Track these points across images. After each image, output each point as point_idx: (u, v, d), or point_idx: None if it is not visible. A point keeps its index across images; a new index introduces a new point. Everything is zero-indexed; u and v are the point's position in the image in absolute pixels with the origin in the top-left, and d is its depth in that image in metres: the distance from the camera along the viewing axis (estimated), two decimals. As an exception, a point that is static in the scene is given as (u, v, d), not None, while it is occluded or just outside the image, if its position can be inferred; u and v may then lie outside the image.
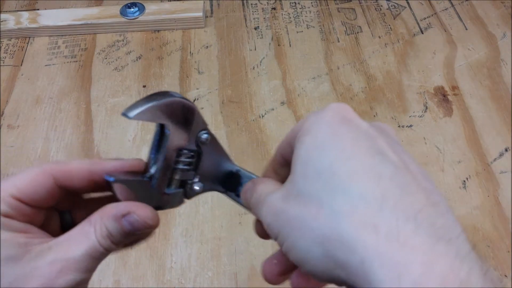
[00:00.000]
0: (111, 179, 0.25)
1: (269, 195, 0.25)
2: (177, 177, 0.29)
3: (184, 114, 0.27)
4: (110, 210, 0.26)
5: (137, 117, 0.24)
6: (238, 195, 0.32)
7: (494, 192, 0.54)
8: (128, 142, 0.60)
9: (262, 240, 0.51)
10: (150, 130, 0.61)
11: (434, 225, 0.19)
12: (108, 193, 0.28)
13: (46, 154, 0.59)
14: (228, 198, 0.33)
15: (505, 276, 0.48)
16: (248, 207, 0.30)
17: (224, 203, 0.54)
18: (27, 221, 0.26)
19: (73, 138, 0.61)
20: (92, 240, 0.25)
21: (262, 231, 0.29)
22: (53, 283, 0.23)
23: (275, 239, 0.24)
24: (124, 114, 0.24)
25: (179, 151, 0.28)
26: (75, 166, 0.27)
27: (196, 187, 0.30)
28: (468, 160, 0.57)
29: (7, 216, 0.24)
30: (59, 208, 0.29)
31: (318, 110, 0.25)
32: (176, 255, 0.51)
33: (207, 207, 0.54)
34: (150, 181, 0.27)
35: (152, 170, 0.27)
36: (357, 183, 0.20)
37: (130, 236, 0.26)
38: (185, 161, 0.29)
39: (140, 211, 0.26)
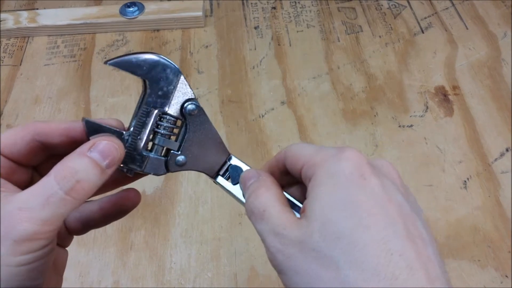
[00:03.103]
0: (85, 119, 0.27)
1: (282, 229, 0.25)
2: (158, 142, 0.29)
3: (166, 75, 0.28)
4: (72, 153, 0.25)
5: (113, 63, 0.27)
6: (232, 182, 0.31)
7: (495, 192, 0.54)
8: (128, 142, 0.60)
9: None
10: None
11: None
12: None
13: (45, 154, 0.59)
14: (217, 185, 0.32)
15: (506, 276, 0.48)
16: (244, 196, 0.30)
17: (224, 203, 0.54)
18: (4, 176, 0.26)
19: (72, 138, 0.61)
20: (47, 188, 0.24)
21: None
22: (8, 233, 0.23)
23: (278, 272, 0.25)
24: (105, 62, 0.27)
25: (162, 115, 0.29)
26: (55, 123, 0.27)
27: (179, 160, 0.30)
28: (469, 160, 0.57)
29: None
30: (44, 173, 0.29)
31: (333, 148, 0.26)
32: (176, 256, 0.50)
33: (207, 207, 0.54)
34: (126, 137, 0.28)
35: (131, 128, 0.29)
36: (372, 257, 0.22)
37: (104, 173, 0.25)
38: (166, 126, 0.29)
39: (104, 137, 0.26)
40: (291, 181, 0.30)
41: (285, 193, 0.29)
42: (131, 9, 0.72)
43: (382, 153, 0.58)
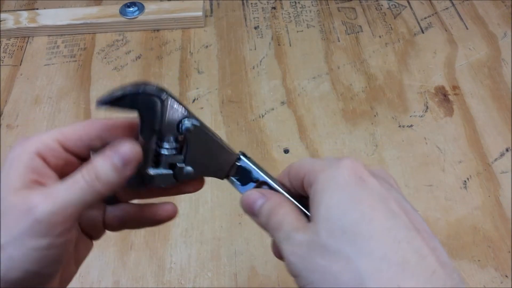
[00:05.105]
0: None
1: (293, 233, 0.27)
2: (164, 159, 0.30)
3: (152, 102, 0.28)
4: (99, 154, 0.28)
5: (103, 108, 0.27)
6: (241, 183, 0.32)
7: (495, 192, 0.54)
8: (128, 142, 0.60)
9: (261, 241, 0.51)
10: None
11: (445, 285, 0.23)
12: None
13: (45, 154, 0.59)
14: (231, 184, 0.33)
15: (506, 276, 0.48)
16: (253, 214, 0.30)
17: (224, 203, 0.54)
18: (57, 168, 0.28)
19: (73, 138, 0.61)
20: (73, 177, 0.26)
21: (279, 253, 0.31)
22: (31, 209, 0.25)
23: (295, 277, 0.26)
24: (97, 105, 0.27)
25: (163, 136, 0.30)
26: (120, 120, 0.30)
27: (187, 170, 0.31)
28: (469, 160, 0.57)
29: (40, 155, 0.27)
30: None
31: (332, 158, 0.28)
32: (176, 256, 0.50)
33: (207, 207, 0.54)
34: None
35: None
36: (379, 246, 0.23)
37: (119, 171, 0.27)
38: (169, 148, 0.30)
39: (125, 142, 0.28)
40: (297, 194, 0.31)
41: (298, 204, 0.30)
42: (131, 9, 0.72)
43: (382, 153, 0.58)
